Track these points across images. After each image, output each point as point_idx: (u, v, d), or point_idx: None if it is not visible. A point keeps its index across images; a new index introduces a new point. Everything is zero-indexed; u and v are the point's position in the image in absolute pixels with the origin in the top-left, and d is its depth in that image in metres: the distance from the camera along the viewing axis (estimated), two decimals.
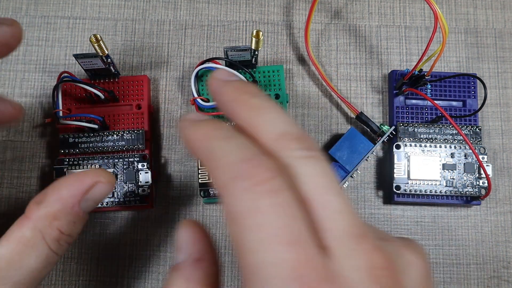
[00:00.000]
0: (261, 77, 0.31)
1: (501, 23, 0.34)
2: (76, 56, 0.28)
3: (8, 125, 0.21)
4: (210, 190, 0.29)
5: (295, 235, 0.13)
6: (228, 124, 0.17)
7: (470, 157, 0.30)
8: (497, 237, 0.30)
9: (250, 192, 0.14)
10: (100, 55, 0.27)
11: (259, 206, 0.13)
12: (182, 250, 0.18)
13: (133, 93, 0.31)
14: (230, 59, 0.29)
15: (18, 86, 0.32)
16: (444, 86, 0.32)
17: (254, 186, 0.14)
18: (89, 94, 0.29)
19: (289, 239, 0.13)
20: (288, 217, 0.14)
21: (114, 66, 0.30)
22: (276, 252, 0.13)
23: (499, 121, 0.32)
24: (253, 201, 0.13)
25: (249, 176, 0.14)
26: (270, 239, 0.13)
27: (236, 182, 0.14)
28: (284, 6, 0.34)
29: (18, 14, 0.33)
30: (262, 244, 0.13)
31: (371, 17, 0.34)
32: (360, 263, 0.14)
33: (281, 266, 0.13)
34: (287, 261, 0.13)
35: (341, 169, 0.29)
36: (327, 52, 0.33)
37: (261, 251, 0.13)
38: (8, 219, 0.30)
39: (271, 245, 0.13)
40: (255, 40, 0.26)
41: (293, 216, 0.14)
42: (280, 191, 0.14)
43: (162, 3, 0.34)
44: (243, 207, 0.14)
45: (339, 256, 0.14)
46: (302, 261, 0.13)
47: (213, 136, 0.15)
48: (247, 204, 0.14)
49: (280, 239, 0.13)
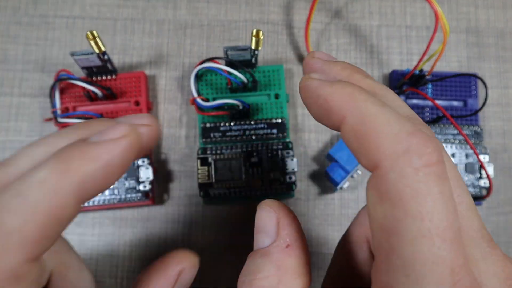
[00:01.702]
0: (261, 76, 0.31)
1: (502, 23, 0.34)
2: (72, 54, 0.27)
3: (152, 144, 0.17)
4: (210, 191, 0.29)
5: (457, 234, 0.12)
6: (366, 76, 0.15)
7: (471, 157, 0.30)
8: (498, 237, 0.30)
9: (421, 172, 0.12)
10: (96, 52, 0.27)
11: (430, 191, 0.12)
12: (267, 233, 0.16)
13: (131, 90, 0.31)
14: (230, 58, 0.28)
15: (17, 86, 0.32)
16: (445, 86, 0.31)
17: (425, 167, 0.12)
18: (87, 92, 0.29)
19: (453, 237, 0.12)
20: (452, 211, 0.12)
21: (111, 63, 0.30)
22: (439, 249, 0.12)
23: (501, 121, 0.32)
24: (425, 184, 0.12)
25: (421, 153, 0.12)
26: (436, 231, 0.12)
27: (409, 157, 0.12)
28: (284, 6, 0.34)
29: (16, 13, 0.33)
30: (426, 236, 0.12)
31: (372, 16, 0.34)
32: (496, 270, 0.13)
33: (442, 266, 0.12)
34: (447, 261, 0.12)
35: (341, 169, 0.29)
36: (327, 51, 0.33)
37: (423, 244, 0.12)
38: None
39: (435, 239, 0.12)
40: (255, 40, 0.26)
41: (454, 210, 0.12)
42: (446, 179, 0.12)
43: (162, 3, 0.34)
44: (412, 190, 0.12)
45: (477, 261, 0.13)
46: (459, 263, 0.12)
47: (364, 100, 0.13)
48: (419, 187, 0.12)
49: (444, 234, 0.12)
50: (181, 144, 0.31)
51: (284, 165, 0.29)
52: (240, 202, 0.31)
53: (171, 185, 0.31)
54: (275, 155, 0.29)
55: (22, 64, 0.33)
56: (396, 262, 0.12)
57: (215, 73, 0.30)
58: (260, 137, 0.29)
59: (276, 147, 0.29)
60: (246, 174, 0.29)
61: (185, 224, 0.30)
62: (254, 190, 0.29)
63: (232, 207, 0.31)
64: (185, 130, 0.32)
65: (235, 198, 0.29)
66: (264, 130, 0.29)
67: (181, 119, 0.32)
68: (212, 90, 0.31)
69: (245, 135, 0.29)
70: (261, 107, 0.30)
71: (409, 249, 0.12)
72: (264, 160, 0.29)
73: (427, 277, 0.11)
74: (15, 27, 0.33)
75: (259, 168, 0.29)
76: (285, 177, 0.29)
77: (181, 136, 0.32)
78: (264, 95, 0.31)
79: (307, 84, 0.15)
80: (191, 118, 0.32)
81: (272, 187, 0.29)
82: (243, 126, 0.29)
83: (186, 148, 0.31)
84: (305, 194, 0.31)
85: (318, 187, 0.31)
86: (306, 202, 0.31)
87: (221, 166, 0.29)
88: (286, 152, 0.29)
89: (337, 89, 0.14)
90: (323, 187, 0.31)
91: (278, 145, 0.29)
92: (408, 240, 0.12)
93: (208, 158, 0.29)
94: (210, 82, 0.31)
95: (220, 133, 0.29)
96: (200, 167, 0.29)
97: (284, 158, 0.29)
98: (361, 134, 0.13)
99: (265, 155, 0.29)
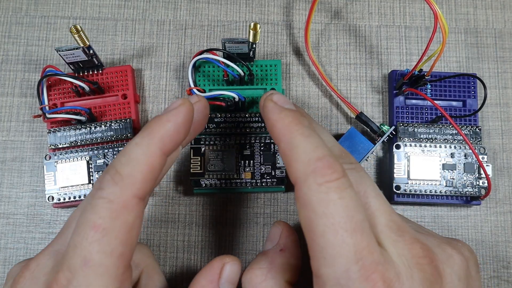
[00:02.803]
0: (258, 70, 0.31)
1: (501, 23, 0.34)
2: (58, 49, 0.28)
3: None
4: (201, 181, 0.29)
5: (357, 224, 0.17)
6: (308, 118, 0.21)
7: (470, 157, 0.30)
8: (497, 237, 0.30)
9: (323, 187, 0.17)
10: (81, 46, 0.27)
11: (330, 199, 0.17)
12: (272, 241, 0.22)
13: (118, 84, 0.31)
14: (228, 50, 0.29)
15: (18, 86, 0.32)
16: (444, 86, 0.32)
17: (327, 182, 0.17)
18: (75, 87, 0.30)
19: (352, 227, 0.17)
20: (351, 209, 0.17)
21: (97, 57, 0.30)
22: (342, 236, 0.17)
23: (499, 121, 0.32)
24: (325, 195, 0.17)
25: (324, 173, 0.17)
26: (337, 225, 0.17)
27: (313, 177, 0.17)
28: (284, 6, 0.34)
29: (18, 14, 0.33)
30: (330, 228, 0.17)
31: (371, 17, 0.34)
32: (403, 252, 0.18)
33: (345, 249, 0.16)
34: (350, 244, 0.16)
35: None
36: (327, 52, 0.33)
37: (329, 234, 0.17)
38: (9, 219, 0.30)
39: (338, 230, 0.17)
40: (253, 33, 0.26)
41: (355, 208, 0.17)
42: (345, 188, 0.17)
43: (162, 3, 0.34)
44: (317, 198, 0.17)
45: (387, 245, 0.18)
46: (363, 246, 0.17)
47: (296, 130, 0.19)
48: (320, 197, 0.17)
49: (345, 226, 0.17)
50: None
51: (276, 159, 0.29)
52: (230, 193, 0.31)
53: (170, 185, 0.31)
54: (268, 149, 0.29)
55: (23, 65, 0.33)
56: (317, 250, 0.17)
57: (212, 64, 0.31)
58: (253, 130, 0.30)
59: (269, 141, 0.29)
60: (237, 166, 0.29)
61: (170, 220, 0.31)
62: (245, 182, 0.29)
63: (221, 198, 0.31)
64: None
65: (226, 189, 0.30)
66: (258, 123, 0.30)
67: None
68: (209, 81, 0.31)
69: (239, 127, 0.30)
70: (256, 101, 0.31)
71: (322, 239, 0.17)
72: (257, 153, 0.29)
73: (337, 257, 0.16)
74: (16, 27, 0.33)
75: (251, 160, 0.29)
76: (276, 172, 0.29)
77: None
78: (260, 89, 0.31)
79: (265, 105, 0.21)
80: None
81: (263, 180, 0.29)
82: (237, 119, 0.30)
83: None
84: None
85: None
86: None
87: (213, 157, 0.29)
88: None
89: (281, 118, 0.20)
90: None
91: (272, 139, 0.29)
92: (319, 232, 0.17)
93: (201, 148, 0.29)
94: (208, 73, 0.31)
95: (215, 124, 0.29)
96: (193, 157, 0.29)
97: (276, 152, 0.29)
98: (288, 157, 0.19)
99: (257, 148, 0.29)
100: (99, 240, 0.17)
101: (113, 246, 0.17)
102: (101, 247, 0.17)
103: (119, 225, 0.17)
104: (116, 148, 0.30)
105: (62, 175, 0.29)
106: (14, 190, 0.31)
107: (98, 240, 0.17)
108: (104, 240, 0.17)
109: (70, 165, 0.30)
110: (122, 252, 0.17)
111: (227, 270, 0.21)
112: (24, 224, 0.30)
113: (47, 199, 0.29)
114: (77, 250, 0.17)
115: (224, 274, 0.21)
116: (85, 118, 0.30)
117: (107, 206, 0.17)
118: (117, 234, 0.17)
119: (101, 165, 0.29)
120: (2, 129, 0.32)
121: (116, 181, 0.18)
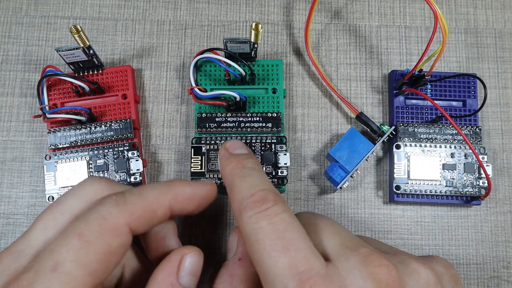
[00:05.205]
0: (260, 70, 0.31)
1: (501, 23, 0.34)
2: (58, 50, 0.28)
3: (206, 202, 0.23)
4: (201, 179, 0.29)
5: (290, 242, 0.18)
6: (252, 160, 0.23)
7: (470, 157, 0.30)
8: (497, 237, 0.30)
9: (253, 218, 0.19)
10: (81, 46, 0.27)
11: (259, 226, 0.19)
12: (231, 251, 0.23)
13: (118, 84, 0.31)
14: (229, 50, 0.29)
15: (18, 86, 0.32)
16: (444, 86, 0.32)
17: (256, 214, 0.19)
18: (75, 87, 0.30)
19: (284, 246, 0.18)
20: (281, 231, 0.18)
21: (97, 57, 0.30)
22: (274, 257, 0.18)
23: (499, 121, 0.32)
24: (255, 224, 0.19)
25: (253, 207, 0.19)
26: (268, 248, 0.18)
27: (244, 212, 0.19)
28: (284, 6, 0.34)
29: (18, 14, 0.33)
30: (263, 253, 0.18)
31: (371, 17, 0.34)
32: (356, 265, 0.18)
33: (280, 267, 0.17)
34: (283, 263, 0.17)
35: (341, 169, 0.29)
36: (327, 52, 0.33)
37: (264, 258, 0.18)
38: (9, 219, 0.30)
39: (270, 252, 0.18)
40: (254, 33, 0.26)
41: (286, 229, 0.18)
42: (277, 214, 0.19)
43: (162, 3, 0.34)
44: (249, 229, 0.19)
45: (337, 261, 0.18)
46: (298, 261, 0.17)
47: (235, 173, 0.21)
48: (251, 227, 0.19)
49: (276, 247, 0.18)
50: (176, 140, 0.32)
51: (277, 159, 0.29)
52: None
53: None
54: (268, 149, 0.29)
55: (23, 65, 0.33)
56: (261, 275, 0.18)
57: (214, 64, 0.31)
58: (254, 130, 0.30)
59: (270, 140, 0.29)
60: None
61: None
62: None
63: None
64: (184, 131, 0.32)
65: None
66: (259, 123, 0.30)
67: (181, 119, 0.32)
68: (211, 81, 0.31)
69: (240, 127, 0.30)
70: (257, 101, 0.31)
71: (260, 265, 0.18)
72: (257, 153, 0.29)
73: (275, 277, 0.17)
74: (16, 27, 0.33)
75: None
76: (277, 171, 0.29)
77: (180, 136, 0.32)
78: (262, 88, 0.31)
79: (219, 152, 0.24)
80: (191, 117, 0.32)
81: None
82: (238, 118, 0.30)
83: (181, 144, 0.32)
84: (305, 194, 0.31)
85: (318, 187, 0.31)
86: (306, 202, 0.31)
87: (214, 156, 0.29)
88: (279, 146, 0.29)
89: (226, 164, 0.22)
90: (323, 187, 0.31)
91: (272, 139, 0.29)
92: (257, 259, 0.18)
93: (202, 147, 0.29)
94: (209, 73, 0.31)
95: (216, 123, 0.29)
96: (194, 156, 0.29)
97: (277, 152, 0.29)
98: (230, 199, 0.21)
99: (258, 148, 0.29)
100: (78, 249, 0.17)
101: (88, 260, 0.17)
102: (77, 257, 0.17)
103: (103, 244, 0.18)
104: (116, 148, 0.30)
105: (62, 175, 0.29)
106: (14, 190, 0.31)
107: (77, 249, 0.17)
108: (82, 251, 0.17)
109: (70, 165, 0.30)
110: (95, 270, 0.18)
111: (187, 262, 0.21)
112: (24, 224, 0.30)
113: (47, 199, 0.29)
114: (53, 254, 0.17)
115: (183, 266, 0.21)
116: (85, 118, 0.30)
117: (99, 222, 0.18)
118: (97, 251, 0.18)
119: (101, 165, 0.29)
120: (2, 129, 0.32)
121: (118, 203, 0.19)
